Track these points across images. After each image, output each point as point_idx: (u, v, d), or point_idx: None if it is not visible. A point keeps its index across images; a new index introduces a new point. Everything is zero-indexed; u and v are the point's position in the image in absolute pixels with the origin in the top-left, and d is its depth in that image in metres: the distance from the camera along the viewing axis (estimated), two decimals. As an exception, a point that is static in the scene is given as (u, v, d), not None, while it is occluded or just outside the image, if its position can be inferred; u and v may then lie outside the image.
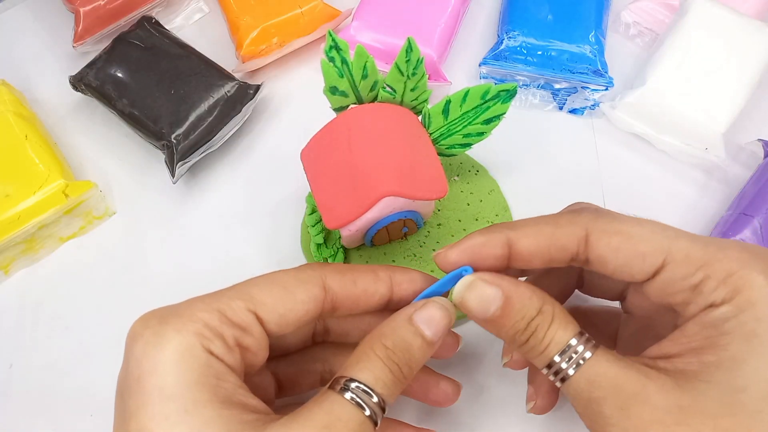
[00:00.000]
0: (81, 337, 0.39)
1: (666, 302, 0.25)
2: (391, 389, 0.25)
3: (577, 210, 0.27)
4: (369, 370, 0.24)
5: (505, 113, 0.35)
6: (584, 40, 0.44)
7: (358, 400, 0.24)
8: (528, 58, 0.44)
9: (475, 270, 0.27)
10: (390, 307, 0.29)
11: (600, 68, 0.43)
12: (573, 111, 0.45)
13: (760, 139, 0.41)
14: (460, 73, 0.46)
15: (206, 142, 0.41)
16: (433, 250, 0.37)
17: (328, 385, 0.25)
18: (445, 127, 0.35)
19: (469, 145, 0.36)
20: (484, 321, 0.26)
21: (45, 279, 0.41)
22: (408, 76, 0.32)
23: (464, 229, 0.38)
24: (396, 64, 0.31)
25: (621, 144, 0.43)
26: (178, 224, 0.42)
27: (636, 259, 0.24)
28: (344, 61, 0.30)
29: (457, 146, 0.36)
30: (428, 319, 0.26)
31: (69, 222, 0.41)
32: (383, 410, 0.24)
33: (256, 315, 0.25)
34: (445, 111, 0.34)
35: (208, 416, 0.22)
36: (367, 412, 0.24)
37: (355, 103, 0.33)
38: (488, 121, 0.35)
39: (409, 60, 0.31)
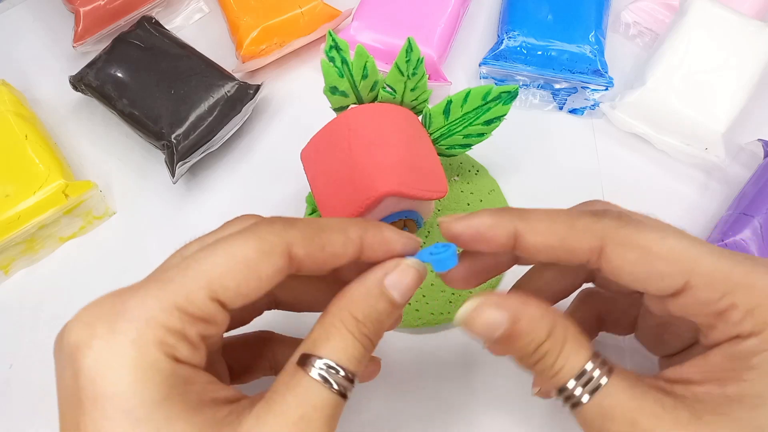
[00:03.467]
0: (81, 337, 0.39)
1: (688, 319, 0.24)
2: (361, 363, 0.24)
3: (599, 213, 0.24)
4: (342, 349, 0.23)
5: (506, 114, 0.35)
6: (584, 40, 0.44)
7: (331, 381, 0.22)
8: (528, 58, 0.44)
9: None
10: (356, 267, 0.26)
11: (600, 68, 0.43)
12: (573, 111, 0.45)
13: (760, 139, 0.41)
14: (460, 73, 0.46)
15: (206, 142, 0.41)
16: (433, 250, 0.37)
17: (297, 361, 0.23)
18: (446, 127, 0.35)
19: (469, 145, 0.36)
20: (490, 343, 0.25)
21: (45, 279, 0.41)
22: (408, 76, 0.32)
23: (464, 229, 0.38)
24: (396, 64, 0.31)
25: (621, 144, 0.43)
26: (178, 224, 0.42)
27: (653, 277, 0.23)
28: (344, 61, 0.30)
29: (457, 147, 0.36)
30: (398, 283, 0.25)
31: (69, 222, 0.41)
32: (352, 382, 0.23)
33: (219, 301, 0.23)
34: (446, 111, 0.34)
35: (181, 430, 0.21)
36: (338, 388, 0.22)
37: (355, 103, 0.33)
38: (489, 122, 0.35)
39: (409, 60, 0.31)
